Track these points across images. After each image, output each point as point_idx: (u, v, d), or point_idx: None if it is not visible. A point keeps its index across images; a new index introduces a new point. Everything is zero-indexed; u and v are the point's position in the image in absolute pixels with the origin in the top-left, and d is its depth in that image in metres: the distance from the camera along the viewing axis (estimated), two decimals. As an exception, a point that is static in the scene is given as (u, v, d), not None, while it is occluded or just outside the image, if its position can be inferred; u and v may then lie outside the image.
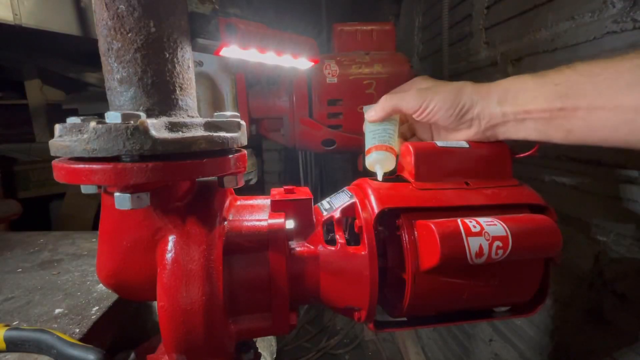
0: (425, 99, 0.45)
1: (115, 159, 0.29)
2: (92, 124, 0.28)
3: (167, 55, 0.34)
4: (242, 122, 0.38)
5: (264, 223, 0.39)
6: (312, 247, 0.41)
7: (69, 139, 0.30)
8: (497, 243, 0.35)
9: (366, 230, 0.38)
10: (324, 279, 0.40)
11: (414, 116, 0.47)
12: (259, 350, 0.44)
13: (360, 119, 0.54)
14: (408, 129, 0.56)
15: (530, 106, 0.40)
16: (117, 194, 0.29)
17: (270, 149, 2.95)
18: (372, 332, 2.14)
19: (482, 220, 0.36)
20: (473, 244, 0.35)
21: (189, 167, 0.30)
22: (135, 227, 0.35)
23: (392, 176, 0.47)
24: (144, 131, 0.28)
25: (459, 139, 0.47)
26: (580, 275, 1.02)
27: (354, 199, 0.41)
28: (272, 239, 0.38)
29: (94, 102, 2.13)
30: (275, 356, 0.92)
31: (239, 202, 0.44)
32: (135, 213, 0.34)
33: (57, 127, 0.32)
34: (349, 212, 0.41)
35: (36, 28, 1.30)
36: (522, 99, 0.41)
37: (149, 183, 0.29)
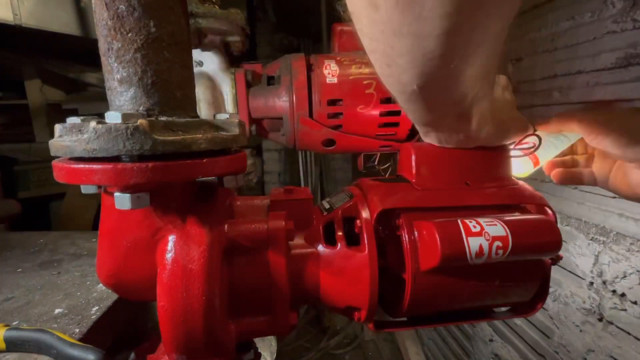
0: None
1: (116, 159, 0.29)
2: (92, 124, 0.28)
3: (167, 55, 0.34)
4: (242, 122, 0.38)
5: (264, 223, 0.39)
6: (312, 248, 0.41)
7: (69, 139, 0.30)
8: (497, 243, 0.35)
9: (366, 230, 0.38)
10: (324, 279, 0.40)
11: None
12: (259, 350, 0.44)
13: (361, 119, 0.53)
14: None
15: None
16: (117, 194, 0.29)
17: (270, 149, 2.94)
18: (372, 332, 2.15)
19: (482, 220, 0.36)
20: (473, 244, 0.35)
21: (189, 167, 0.30)
22: (135, 227, 0.35)
23: (392, 176, 0.47)
24: (144, 131, 0.28)
25: None
26: (580, 275, 1.02)
27: (354, 199, 0.41)
28: (272, 239, 0.38)
29: (94, 102, 2.13)
30: (275, 356, 0.92)
31: (239, 202, 0.44)
32: (135, 213, 0.34)
33: (57, 127, 0.32)
34: (349, 212, 0.41)
35: (36, 28, 1.30)
36: None
37: (149, 183, 0.29)
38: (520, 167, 0.47)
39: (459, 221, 0.36)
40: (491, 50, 0.27)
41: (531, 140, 0.45)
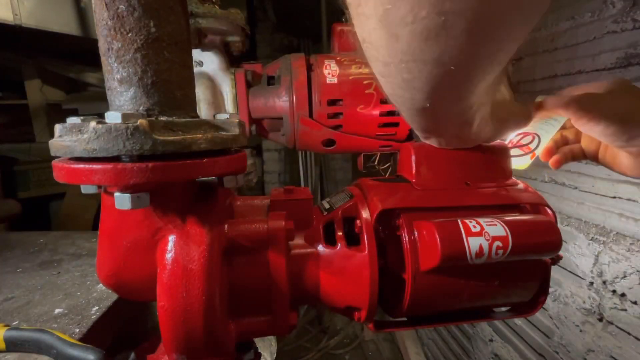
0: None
1: (116, 159, 0.29)
2: (92, 124, 0.28)
3: (167, 55, 0.34)
4: (242, 122, 0.38)
5: (264, 223, 0.39)
6: (312, 248, 0.41)
7: (69, 139, 0.30)
8: (497, 243, 0.35)
9: (366, 230, 0.38)
10: (324, 279, 0.40)
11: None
12: (259, 350, 0.44)
13: (361, 119, 0.53)
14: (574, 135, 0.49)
15: None
16: (117, 194, 0.29)
17: (270, 149, 2.94)
18: (372, 332, 2.15)
19: (482, 220, 0.36)
20: (473, 244, 0.35)
21: (189, 167, 0.30)
22: (135, 227, 0.35)
23: (392, 176, 0.47)
24: (144, 131, 0.28)
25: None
26: (580, 275, 1.02)
27: (354, 199, 0.41)
28: (272, 239, 0.38)
29: (94, 102, 2.13)
30: (275, 356, 0.92)
31: (239, 202, 0.44)
32: (135, 213, 0.34)
33: (57, 127, 0.32)
34: (349, 212, 0.41)
35: (36, 28, 1.30)
36: None
37: (149, 183, 0.29)
38: (517, 161, 0.47)
39: (459, 221, 0.36)
40: (503, 66, 0.27)
41: (529, 131, 0.45)
